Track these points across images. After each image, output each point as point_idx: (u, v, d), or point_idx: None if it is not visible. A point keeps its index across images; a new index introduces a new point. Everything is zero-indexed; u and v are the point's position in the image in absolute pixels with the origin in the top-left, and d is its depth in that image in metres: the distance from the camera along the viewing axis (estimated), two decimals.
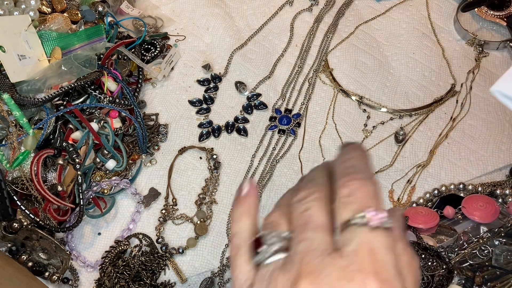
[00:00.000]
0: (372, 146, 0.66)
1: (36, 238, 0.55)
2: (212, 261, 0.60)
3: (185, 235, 0.62)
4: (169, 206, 0.63)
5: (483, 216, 0.54)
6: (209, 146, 0.68)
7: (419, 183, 0.63)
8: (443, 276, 0.49)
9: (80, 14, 0.72)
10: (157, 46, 0.74)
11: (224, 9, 0.81)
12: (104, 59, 0.67)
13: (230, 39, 0.78)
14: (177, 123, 0.70)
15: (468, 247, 0.53)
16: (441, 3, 0.78)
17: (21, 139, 0.59)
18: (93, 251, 0.61)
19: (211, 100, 0.72)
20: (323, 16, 0.79)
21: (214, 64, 0.76)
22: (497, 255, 0.51)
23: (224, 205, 0.64)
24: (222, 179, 0.66)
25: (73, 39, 0.67)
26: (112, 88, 0.66)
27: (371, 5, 0.80)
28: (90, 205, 0.62)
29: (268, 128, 0.69)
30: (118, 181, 0.63)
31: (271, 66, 0.75)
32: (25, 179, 0.58)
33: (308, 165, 0.65)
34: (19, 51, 0.61)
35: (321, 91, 0.72)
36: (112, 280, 0.57)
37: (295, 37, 0.78)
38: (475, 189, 0.60)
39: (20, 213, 0.56)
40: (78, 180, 0.59)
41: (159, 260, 0.59)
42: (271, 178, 0.65)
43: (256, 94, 0.72)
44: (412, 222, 0.55)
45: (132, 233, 0.62)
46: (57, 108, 0.63)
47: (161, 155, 0.68)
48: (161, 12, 0.82)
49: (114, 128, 0.65)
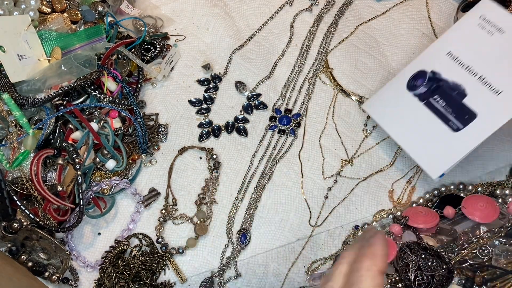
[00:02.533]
0: (372, 146, 0.66)
1: (36, 238, 0.55)
2: (212, 261, 0.60)
3: (185, 235, 0.62)
4: (169, 206, 0.63)
5: (483, 216, 0.54)
6: (209, 146, 0.68)
7: (419, 183, 0.63)
8: (443, 276, 0.49)
9: (80, 14, 0.72)
10: (157, 46, 0.74)
11: (224, 9, 0.81)
12: (104, 59, 0.67)
13: (230, 39, 0.78)
14: (177, 123, 0.70)
15: (468, 247, 0.53)
16: (441, 3, 0.78)
17: (21, 139, 0.59)
18: (93, 251, 0.61)
19: (211, 100, 0.72)
20: (323, 16, 0.79)
21: (214, 64, 0.76)
22: (497, 255, 0.51)
23: (224, 205, 0.64)
24: (222, 179, 0.66)
25: (73, 39, 0.67)
26: (112, 88, 0.66)
27: (371, 5, 0.80)
28: (90, 205, 0.62)
29: (268, 128, 0.69)
30: (118, 181, 0.63)
31: (271, 66, 0.75)
32: (25, 179, 0.57)
33: (308, 165, 0.65)
34: (19, 51, 0.61)
35: (321, 91, 0.72)
36: (112, 280, 0.57)
37: (295, 37, 0.78)
38: (475, 189, 0.60)
39: (20, 213, 0.56)
40: (78, 180, 0.59)
41: (159, 260, 0.59)
42: (271, 178, 0.65)
43: (256, 94, 0.72)
44: (412, 222, 0.55)
45: (132, 233, 0.62)
46: (57, 108, 0.63)
47: (161, 155, 0.68)
48: (161, 12, 0.82)
49: (114, 128, 0.65)
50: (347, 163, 0.65)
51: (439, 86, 0.61)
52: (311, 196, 0.63)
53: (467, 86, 0.59)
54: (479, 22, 0.62)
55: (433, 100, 0.60)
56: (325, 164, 0.66)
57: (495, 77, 0.59)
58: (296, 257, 0.60)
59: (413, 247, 0.51)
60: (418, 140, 0.60)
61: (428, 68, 0.62)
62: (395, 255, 0.52)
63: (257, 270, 0.59)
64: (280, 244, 0.60)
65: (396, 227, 0.55)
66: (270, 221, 0.62)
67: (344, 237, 0.60)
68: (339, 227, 0.61)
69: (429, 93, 0.61)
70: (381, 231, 0.53)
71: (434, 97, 0.60)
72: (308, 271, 0.59)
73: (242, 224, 0.62)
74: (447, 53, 0.62)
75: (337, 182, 0.64)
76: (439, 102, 0.60)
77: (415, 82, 0.62)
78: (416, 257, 0.50)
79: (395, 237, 0.56)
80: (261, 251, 0.60)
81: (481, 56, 0.60)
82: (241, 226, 0.62)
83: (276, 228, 0.61)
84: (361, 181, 0.64)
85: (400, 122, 0.62)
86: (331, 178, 0.64)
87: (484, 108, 0.58)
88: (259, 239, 0.61)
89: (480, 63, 0.60)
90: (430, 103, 0.61)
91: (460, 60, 0.61)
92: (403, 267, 0.50)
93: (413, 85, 0.62)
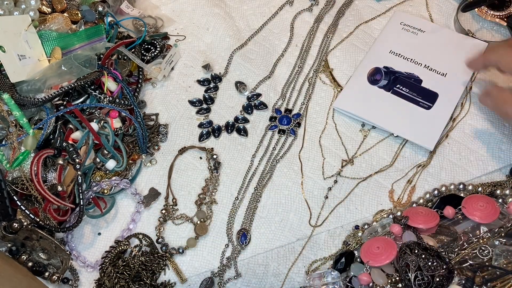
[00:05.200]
0: (372, 146, 0.66)
1: (36, 238, 0.55)
2: (212, 261, 0.60)
3: (185, 235, 0.62)
4: (169, 206, 0.63)
5: (483, 216, 0.53)
6: (209, 146, 0.68)
7: (419, 183, 0.63)
8: (443, 276, 0.49)
9: (80, 14, 0.72)
10: (157, 46, 0.74)
11: (224, 9, 0.81)
12: (104, 59, 0.67)
13: (230, 39, 0.78)
14: (177, 123, 0.70)
15: (468, 247, 0.53)
16: (441, 3, 0.78)
17: (21, 139, 0.59)
18: (93, 251, 0.61)
19: (211, 100, 0.72)
20: (323, 16, 0.79)
21: (214, 64, 0.76)
22: (497, 255, 0.51)
23: (224, 205, 0.64)
24: (222, 179, 0.66)
25: (73, 39, 0.67)
26: (112, 88, 0.67)
27: (371, 5, 0.80)
28: (90, 205, 0.63)
29: (268, 128, 0.69)
30: (118, 181, 0.63)
31: (271, 66, 0.75)
32: (25, 179, 0.58)
33: (308, 165, 0.65)
34: (19, 51, 0.61)
35: (321, 91, 0.72)
36: (112, 280, 0.57)
37: (295, 37, 0.78)
38: (475, 189, 0.60)
39: (20, 213, 0.56)
40: (78, 180, 0.59)
41: (159, 260, 0.59)
42: (271, 178, 0.65)
43: (256, 94, 0.72)
44: (412, 222, 0.55)
45: (132, 233, 0.62)
46: (57, 108, 0.63)
47: (161, 155, 0.68)
48: (161, 12, 0.82)
49: (114, 128, 0.65)
50: (347, 163, 0.65)
51: (397, 77, 0.69)
52: (311, 196, 0.63)
53: (419, 74, 0.69)
54: (402, 27, 0.74)
55: (397, 89, 0.68)
56: (325, 164, 0.66)
57: (436, 64, 0.69)
58: (296, 257, 0.60)
59: (413, 247, 0.51)
60: (403, 123, 0.65)
61: (380, 65, 0.70)
62: (395, 255, 0.52)
63: (257, 270, 0.59)
64: (280, 244, 0.60)
65: (396, 227, 0.55)
66: (270, 221, 0.62)
67: (344, 237, 0.60)
68: (339, 227, 0.61)
69: (391, 84, 0.68)
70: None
71: (397, 86, 0.68)
72: (308, 271, 0.59)
73: (242, 224, 0.62)
74: (389, 51, 0.71)
75: (337, 182, 0.64)
76: (403, 90, 0.68)
77: (374, 77, 0.69)
78: (416, 257, 0.50)
79: (395, 237, 0.56)
80: (261, 251, 0.60)
81: (417, 51, 0.71)
82: (241, 226, 0.62)
83: (276, 228, 0.61)
84: (361, 181, 0.64)
85: (380, 112, 0.67)
86: (331, 178, 0.64)
87: (441, 88, 0.67)
88: (259, 239, 0.61)
89: (419, 56, 0.70)
90: (396, 91, 0.68)
91: (403, 55, 0.71)
92: (403, 267, 0.50)
93: (374, 80, 0.69)
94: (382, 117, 0.66)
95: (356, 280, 0.54)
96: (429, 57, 0.70)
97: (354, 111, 0.67)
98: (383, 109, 0.67)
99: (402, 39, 0.72)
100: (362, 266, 0.55)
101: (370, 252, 0.54)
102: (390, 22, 0.75)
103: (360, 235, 0.59)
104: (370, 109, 0.67)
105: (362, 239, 0.58)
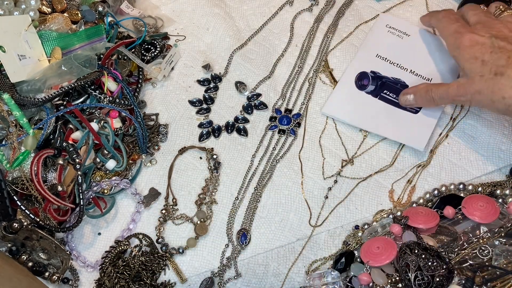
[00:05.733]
0: (372, 146, 0.66)
1: (36, 238, 0.55)
2: (212, 261, 0.60)
3: (185, 235, 0.62)
4: (169, 206, 0.63)
5: (483, 216, 0.53)
6: (209, 146, 0.68)
7: (419, 183, 0.63)
8: (443, 276, 0.49)
9: (80, 14, 0.72)
10: (157, 46, 0.74)
11: (224, 9, 0.81)
12: (104, 59, 0.67)
13: (230, 39, 0.78)
14: (177, 123, 0.70)
15: (468, 247, 0.53)
16: (441, 3, 0.78)
17: (21, 139, 0.59)
18: (93, 251, 0.61)
19: (211, 100, 0.72)
20: (323, 16, 0.79)
21: (214, 64, 0.76)
22: (497, 255, 0.51)
23: (224, 205, 0.64)
24: (222, 179, 0.66)
25: (73, 39, 0.67)
26: (112, 88, 0.67)
27: (371, 5, 0.80)
28: (90, 205, 0.63)
29: (268, 128, 0.69)
30: (118, 181, 0.63)
31: (271, 66, 0.75)
32: (25, 179, 0.58)
33: (308, 165, 0.65)
34: (19, 51, 0.61)
35: (321, 91, 0.72)
36: (112, 280, 0.57)
37: (295, 37, 0.78)
38: (475, 189, 0.60)
39: (20, 213, 0.56)
40: (78, 180, 0.59)
41: (159, 260, 0.59)
42: (271, 178, 0.65)
43: (256, 94, 0.72)
44: (412, 222, 0.55)
45: (132, 233, 0.62)
46: (57, 108, 0.63)
47: (161, 155, 0.68)
48: (161, 12, 0.82)
49: (114, 128, 0.65)
50: (347, 163, 0.65)
51: (384, 83, 0.68)
52: (311, 196, 0.63)
53: (405, 79, 0.69)
54: (388, 30, 0.74)
55: (384, 94, 0.68)
56: (325, 164, 0.66)
57: (421, 69, 0.70)
58: (296, 257, 0.60)
59: (413, 247, 0.51)
60: (392, 127, 0.66)
61: (367, 69, 0.70)
62: (395, 255, 0.52)
63: (257, 270, 0.59)
64: (280, 244, 0.60)
65: (396, 227, 0.55)
66: (270, 221, 0.62)
67: (344, 237, 0.60)
68: (339, 227, 0.61)
69: (378, 89, 0.68)
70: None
71: (384, 92, 0.68)
72: (308, 271, 0.59)
73: (242, 224, 0.62)
74: (376, 55, 0.71)
75: (337, 182, 0.64)
76: (390, 95, 0.68)
77: (362, 82, 0.69)
78: (416, 257, 0.50)
79: (395, 237, 0.56)
80: (261, 251, 0.60)
81: (403, 55, 0.71)
82: (241, 226, 0.62)
83: (276, 228, 0.61)
84: (361, 181, 0.64)
85: (368, 118, 0.67)
86: (331, 178, 0.64)
87: None
88: (259, 239, 0.61)
89: (405, 61, 0.70)
90: (383, 97, 0.68)
91: (389, 59, 0.71)
92: (403, 267, 0.50)
93: (362, 85, 0.69)
94: (370, 122, 0.66)
95: (356, 280, 0.54)
96: (413, 62, 0.70)
97: (342, 116, 0.67)
98: (371, 114, 0.67)
99: (388, 43, 0.72)
100: (362, 266, 0.55)
101: (370, 252, 0.54)
102: (376, 25, 0.75)
103: (360, 235, 0.59)
104: (358, 114, 0.67)
105: (362, 239, 0.58)
